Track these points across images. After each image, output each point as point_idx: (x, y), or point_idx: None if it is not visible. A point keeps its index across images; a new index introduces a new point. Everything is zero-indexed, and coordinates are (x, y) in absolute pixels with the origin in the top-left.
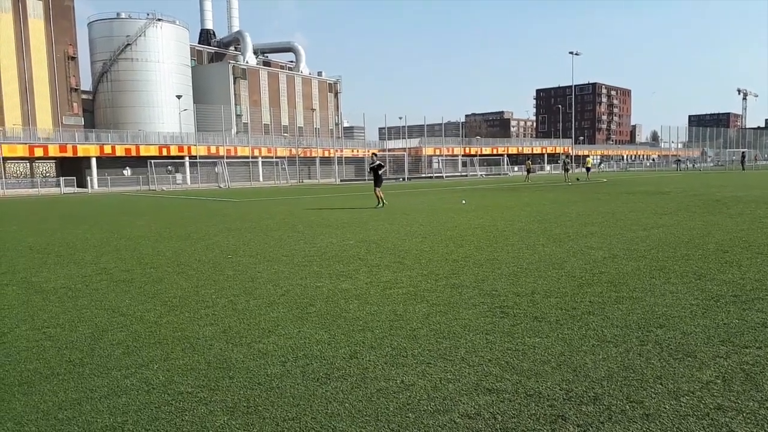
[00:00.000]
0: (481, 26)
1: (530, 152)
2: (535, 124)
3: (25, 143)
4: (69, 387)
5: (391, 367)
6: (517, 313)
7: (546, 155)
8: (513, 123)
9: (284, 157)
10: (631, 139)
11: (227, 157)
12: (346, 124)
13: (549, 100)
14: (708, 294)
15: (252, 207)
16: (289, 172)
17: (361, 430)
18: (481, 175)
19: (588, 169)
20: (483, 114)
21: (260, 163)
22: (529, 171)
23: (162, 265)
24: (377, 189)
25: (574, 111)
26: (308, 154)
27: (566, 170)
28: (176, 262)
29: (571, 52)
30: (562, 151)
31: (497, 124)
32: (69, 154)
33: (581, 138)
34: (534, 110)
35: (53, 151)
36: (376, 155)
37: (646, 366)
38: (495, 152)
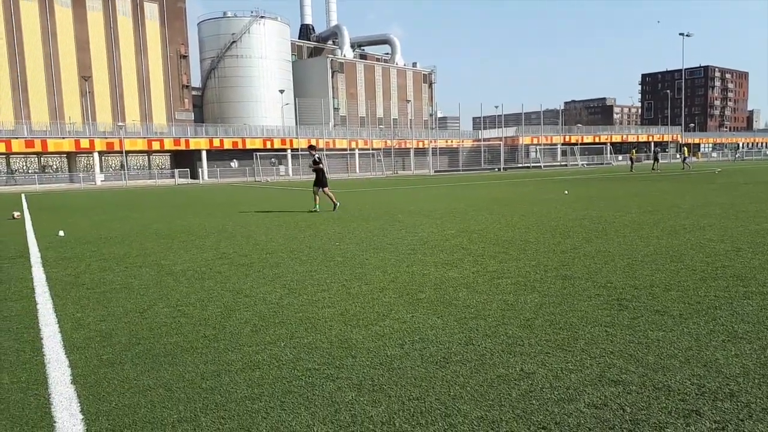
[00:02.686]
0: (582, 9)
1: (635, 140)
2: (640, 110)
3: (144, 137)
4: (207, 360)
5: (509, 355)
6: (636, 306)
7: (652, 143)
8: (616, 110)
9: (380, 149)
10: (748, 126)
11: (326, 149)
12: (440, 115)
13: (655, 86)
14: None
15: (351, 197)
16: (384, 163)
17: (486, 414)
18: (582, 164)
19: (684, 159)
20: (583, 101)
21: (357, 155)
22: (632, 160)
23: (276, 250)
24: (325, 189)
25: (684, 96)
26: (403, 146)
27: (656, 159)
28: (288, 248)
29: (681, 34)
30: (670, 139)
31: (599, 112)
32: (182, 147)
33: (691, 125)
34: (639, 96)
35: (168, 144)
36: (314, 148)
37: None
38: (597, 141)
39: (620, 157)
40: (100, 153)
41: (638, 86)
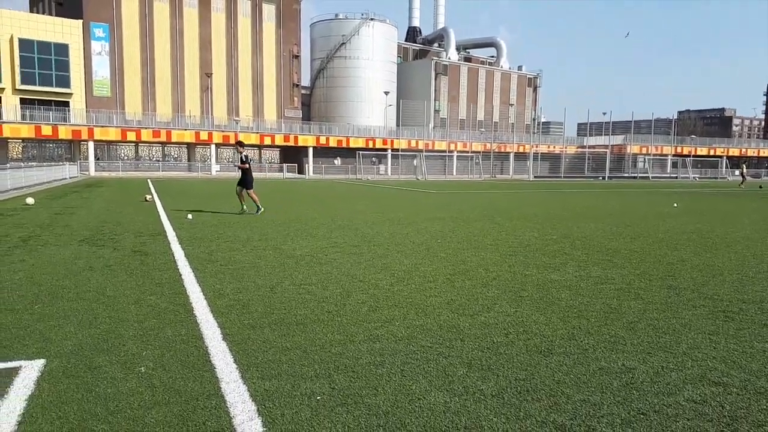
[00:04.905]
0: (701, 15)
1: (756, 154)
2: (763, 123)
3: (257, 132)
4: (333, 330)
5: (611, 352)
6: (743, 318)
7: None
8: (735, 121)
9: (479, 152)
10: None
11: (425, 151)
12: (543, 120)
13: None
14: None
15: (450, 198)
16: (483, 166)
17: (588, 397)
18: (693, 177)
19: (743, 175)
20: (699, 111)
21: (455, 157)
22: (743, 176)
23: (383, 243)
24: (249, 191)
25: None
26: (502, 149)
27: (743, 176)
28: (394, 242)
29: None
30: None
31: (716, 123)
32: (291, 143)
33: None
34: (764, 108)
35: (279, 140)
36: (242, 145)
37: None
38: (712, 153)
39: (737, 172)
40: (217, 145)
41: (763, 97)
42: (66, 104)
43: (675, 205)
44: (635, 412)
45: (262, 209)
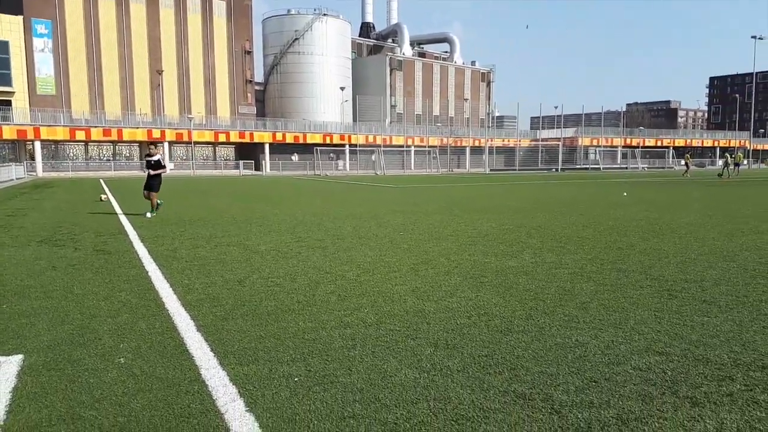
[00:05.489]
0: (649, 9)
1: (699, 145)
2: (706, 114)
3: (211, 129)
4: (305, 319)
5: (566, 330)
6: (685, 296)
7: (718, 149)
8: (681, 113)
9: (436, 147)
10: None
11: (383, 146)
12: (497, 114)
13: (724, 89)
14: None
15: (409, 192)
16: (440, 160)
17: (545, 369)
18: (642, 168)
19: (737, 165)
20: (646, 103)
21: (413, 152)
22: (687, 165)
23: (346, 237)
24: (152, 193)
25: (755, 100)
26: (458, 144)
27: (726, 165)
28: (357, 235)
29: (753, 37)
30: (737, 145)
31: (662, 115)
32: (246, 140)
33: (761, 130)
34: (706, 100)
35: (234, 137)
36: (154, 146)
37: None
38: (659, 144)
39: (682, 162)
40: (170, 143)
41: (706, 89)
42: (8, 103)
43: (624, 194)
44: (588, 380)
45: (160, 206)
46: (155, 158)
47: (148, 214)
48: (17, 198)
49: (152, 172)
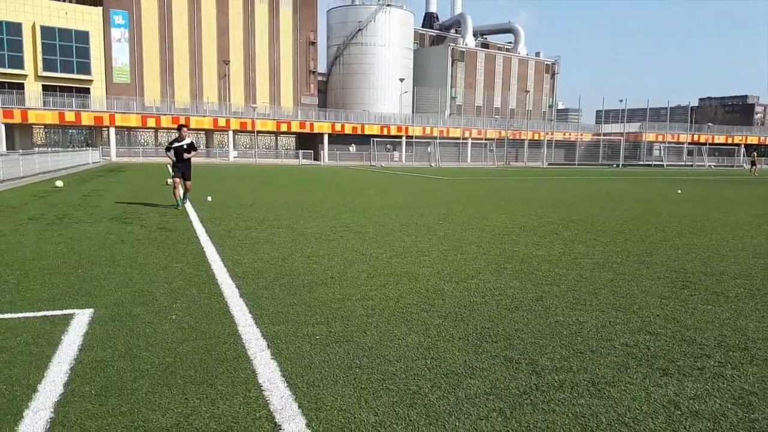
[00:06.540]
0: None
1: None
2: None
3: (273, 119)
4: (334, 291)
5: (570, 311)
6: (698, 287)
7: None
8: (758, 109)
9: (493, 139)
10: None
11: (439, 138)
12: (561, 107)
13: None
14: None
15: (460, 185)
16: (496, 154)
17: (538, 341)
18: (709, 165)
19: (753, 164)
20: (721, 98)
21: (469, 145)
22: (753, 164)
23: (388, 224)
24: (188, 182)
25: None
26: (517, 137)
27: (753, 164)
28: (399, 223)
29: None
30: None
31: (738, 110)
32: (306, 130)
33: None
34: None
35: (295, 127)
36: (186, 128)
37: None
38: (730, 141)
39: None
40: (234, 131)
41: None
42: (87, 91)
43: (679, 191)
44: (574, 351)
45: (184, 203)
46: (187, 141)
47: (179, 201)
48: (93, 180)
49: (186, 156)
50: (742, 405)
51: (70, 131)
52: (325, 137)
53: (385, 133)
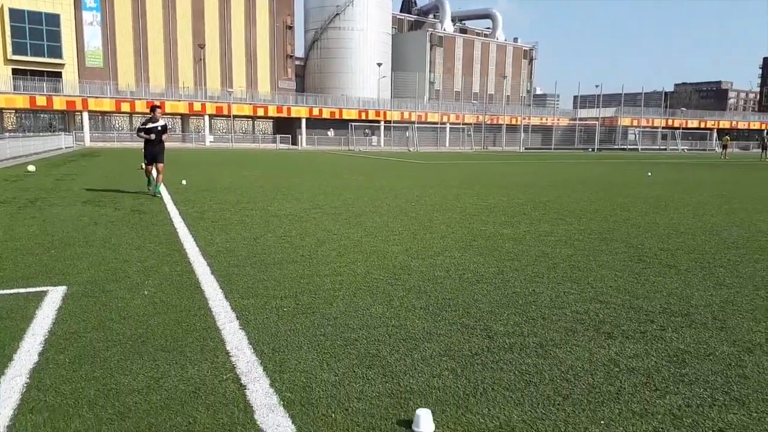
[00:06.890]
0: None
1: (746, 127)
2: (759, 96)
3: (250, 104)
4: (305, 268)
5: (528, 283)
6: (652, 261)
7: (766, 131)
8: (731, 95)
9: (471, 124)
10: None
11: (418, 123)
12: (538, 92)
13: None
14: None
15: (436, 169)
16: (474, 138)
17: (494, 310)
18: (682, 149)
19: (725, 147)
20: (695, 84)
21: (447, 129)
22: (725, 147)
23: (361, 206)
24: (160, 164)
25: None
26: (495, 121)
27: (764, 147)
28: (372, 205)
29: None
30: None
31: (711, 96)
32: (284, 114)
33: None
34: (759, 81)
35: (272, 111)
36: (159, 109)
37: (747, 303)
38: (702, 126)
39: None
40: (210, 116)
41: (759, 70)
42: (59, 75)
43: (648, 174)
44: (527, 318)
45: (159, 190)
46: (161, 123)
47: (157, 189)
48: (66, 165)
49: (158, 138)
50: (676, 362)
51: (42, 116)
52: (303, 122)
53: (364, 117)
